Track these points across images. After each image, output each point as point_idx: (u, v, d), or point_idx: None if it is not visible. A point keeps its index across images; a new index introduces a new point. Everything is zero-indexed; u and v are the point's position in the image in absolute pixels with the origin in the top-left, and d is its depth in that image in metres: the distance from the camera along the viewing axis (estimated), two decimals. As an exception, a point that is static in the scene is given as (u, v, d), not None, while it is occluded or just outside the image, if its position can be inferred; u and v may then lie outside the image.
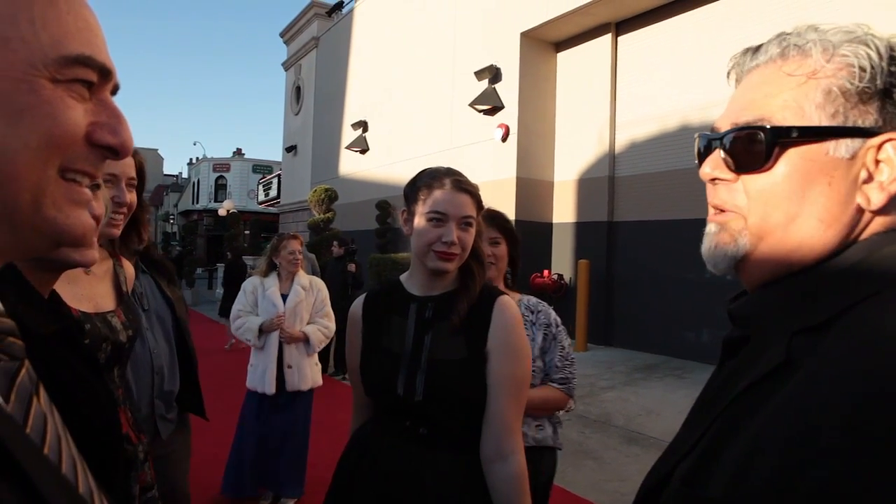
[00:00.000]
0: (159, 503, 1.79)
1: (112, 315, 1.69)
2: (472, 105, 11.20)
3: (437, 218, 1.59)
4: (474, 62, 11.61)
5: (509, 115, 10.80)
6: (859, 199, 0.67)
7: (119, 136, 0.55)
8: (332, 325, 4.38)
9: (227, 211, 22.99)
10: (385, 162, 14.91)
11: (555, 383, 2.29)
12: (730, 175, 0.74)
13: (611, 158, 10.12)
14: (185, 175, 52.98)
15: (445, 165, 1.73)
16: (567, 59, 11.02)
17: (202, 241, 35.15)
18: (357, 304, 1.76)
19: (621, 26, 10.15)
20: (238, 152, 41.49)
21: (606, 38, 10.20)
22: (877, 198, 0.66)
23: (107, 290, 1.75)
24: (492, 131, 10.97)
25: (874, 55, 0.66)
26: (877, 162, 0.66)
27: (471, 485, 1.53)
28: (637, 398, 6.71)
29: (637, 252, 9.50)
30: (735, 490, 0.59)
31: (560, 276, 10.44)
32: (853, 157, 0.67)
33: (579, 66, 10.71)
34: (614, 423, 5.93)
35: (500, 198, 10.28)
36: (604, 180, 10.15)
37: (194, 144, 56.69)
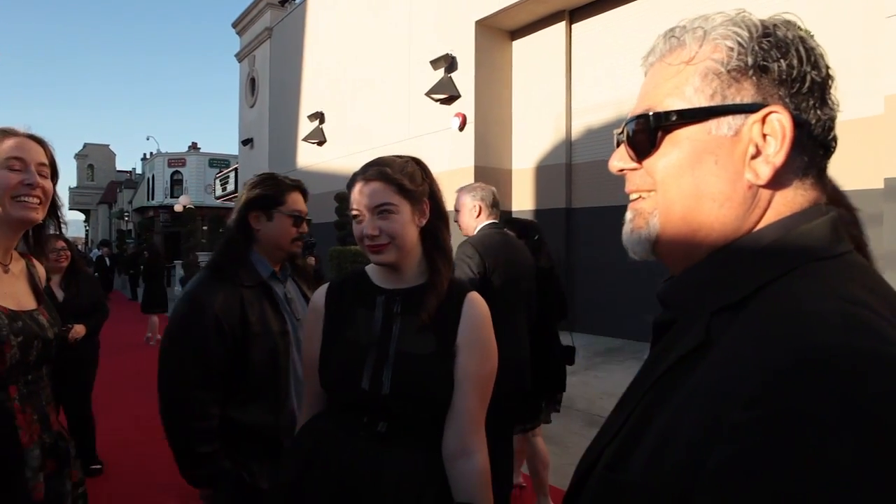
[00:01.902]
0: (87, 500, 1.79)
1: (37, 313, 1.68)
2: (428, 94, 11.15)
3: (356, 215, 1.58)
4: (430, 51, 11.56)
5: (466, 104, 10.79)
6: (748, 175, 0.69)
7: None
8: None
9: (184, 207, 22.55)
10: (343, 153, 14.78)
11: None
12: (633, 164, 0.78)
13: (568, 145, 10.21)
14: (139, 171, 51.64)
15: (403, 154, 1.69)
16: (522, 48, 11.05)
17: (159, 238, 34.43)
18: (319, 294, 1.70)
19: (575, 14, 10.21)
20: (193, 146, 40.65)
21: (561, 26, 10.26)
22: (763, 171, 0.68)
23: (25, 288, 1.73)
24: (449, 120, 10.95)
25: (744, 33, 0.69)
26: (764, 136, 0.68)
27: (429, 482, 1.51)
28: (598, 382, 6.82)
29: (596, 237, 9.61)
30: (651, 472, 0.60)
31: (521, 264, 10.49)
32: (737, 135, 0.69)
33: (535, 54, 10.75)
34: (576, 407, 6.01)
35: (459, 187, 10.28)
36: (561, 167, 10.23)
37: (147, 139, 55.28)
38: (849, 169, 5.91)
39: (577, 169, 10.16)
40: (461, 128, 10.74)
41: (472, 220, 3.32)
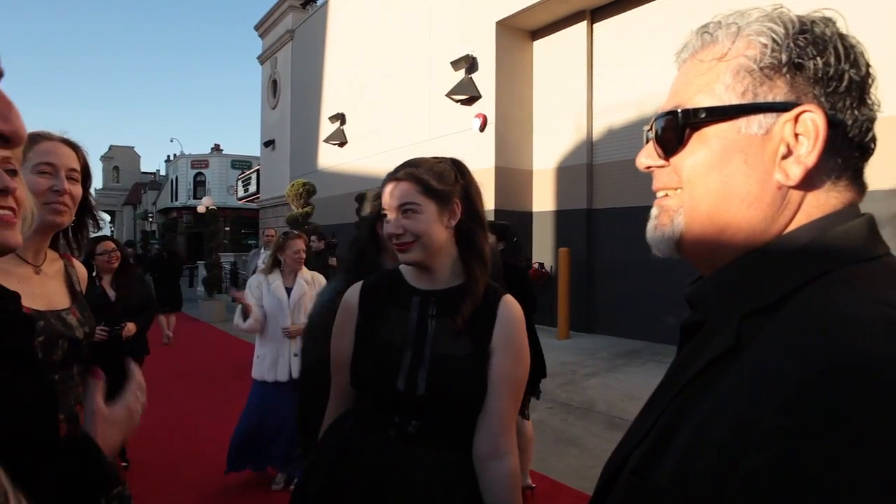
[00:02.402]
0: (130, 501, 1.79)
1: (66, 312, 1.70)
2: (449, 95, 11.16)
3: (384, 215, 1.61)
4: (450, 52, 11.57)
5: (486, 104, 10.78)
6: (778, 176, 0.67)
7: (9, 122, 0.54)
8: None
9: (207, 208, 22.76)
10: (364, 154, 14.84)
11: None
12: (661, 161, 0.76)
13: (589, 146, 10.15)
14: (162, 172, 52.31)
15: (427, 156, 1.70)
16: (543, 48, 11.01)
17: (182, 239, 34.84)
18: (353, 293, 1.70)
19: (596, 13, 10.16)
20: (216, 148, 41.05)
21: (582, 26, 10.21)
22: (794, 172, 0.66)
23: (59, 288, 1.75)
24: (469, 121, 10.95)
25: (779, 30, 0.67)
26: (796, 136, 0.66)
27: (459, 483, 1.51)
28: (619, 384, 6.76)
29: (617, 238, 9.55)
30: (681, 477, 0.59)
31: (541, 265, 10.48)
32: (768, 133, 0.67)
33: (555, 54, 10.71)
34: (597, 409, 5.97)
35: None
36: (582, 168, 10.17)
37: (171, 141, 55.94)
38: (885, 167, 5.79)
39: (598, 169, 10.10)
40: (482, 128, 10.73)
41: None
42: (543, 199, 10.87)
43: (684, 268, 0.73)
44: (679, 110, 0.72)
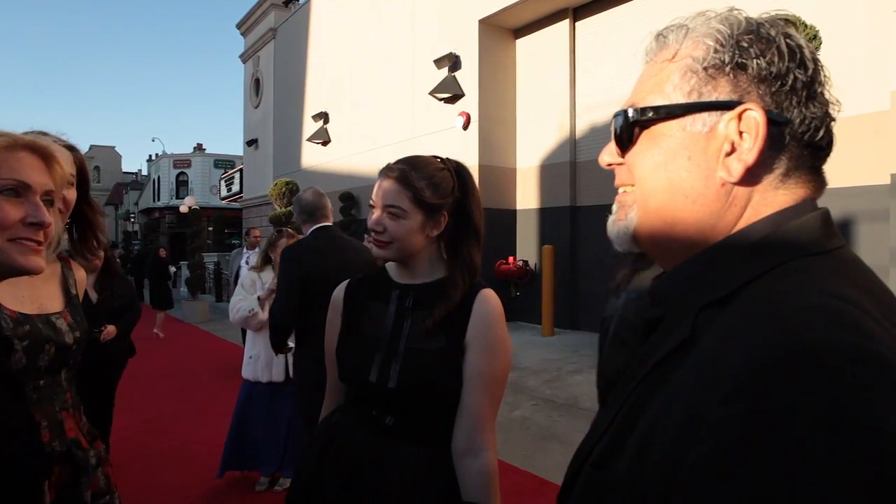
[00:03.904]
0: None
1: (57, 316, 1.67)
2: (432, 94, 11.15)
3: (371, 206, 1.62)
4: (433, 50, 11.55)
5: (470, 102, 10.78)
6: (721, 173, 0.68)
7: None
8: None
9: (189, 208, 22.59)
10: (347, 153, 14.78)
11: None
12: (619, 159, 0.79)
13: (572, 143, 10.19)
14: (144, 172, 51.83)
15: (412, 154, 1.71)
16: (526, 46, 11.03)
17: (165, 240, 34.52)
18: (340, 289, 1.74)
19: (578, 12, 10.20)
20: (199, 147, 40.73)
21: (564, 24, 10.24)
22: (735, 168, 0.67)
23: (53, 291, 1.73)
24: (453, 119, 10.94)
25: (724, 30, 0.69)
26: (741, 134, 0.67)
27: (434, 480, 1.51)
28: (603, 380, 6.79)
29: (600, 236, 9.48)
30: (635, 467, 0.60)
31: (525, 263, 10.51)
32: (711, 131, 0.69)
33: (538, 53, 10.73)
34: (581, 405, 6.00)
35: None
36: (565, 165, 10.21)
37: (153, 141, 55.17)
38: (855, 165, 5.88)
39: (581, 167, 10.14)
40: (465, 127, 10.73)
41: (302, 226, 3.72)
42: (527, 197, 10.90)
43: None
44: (630, 109, 0.75)
